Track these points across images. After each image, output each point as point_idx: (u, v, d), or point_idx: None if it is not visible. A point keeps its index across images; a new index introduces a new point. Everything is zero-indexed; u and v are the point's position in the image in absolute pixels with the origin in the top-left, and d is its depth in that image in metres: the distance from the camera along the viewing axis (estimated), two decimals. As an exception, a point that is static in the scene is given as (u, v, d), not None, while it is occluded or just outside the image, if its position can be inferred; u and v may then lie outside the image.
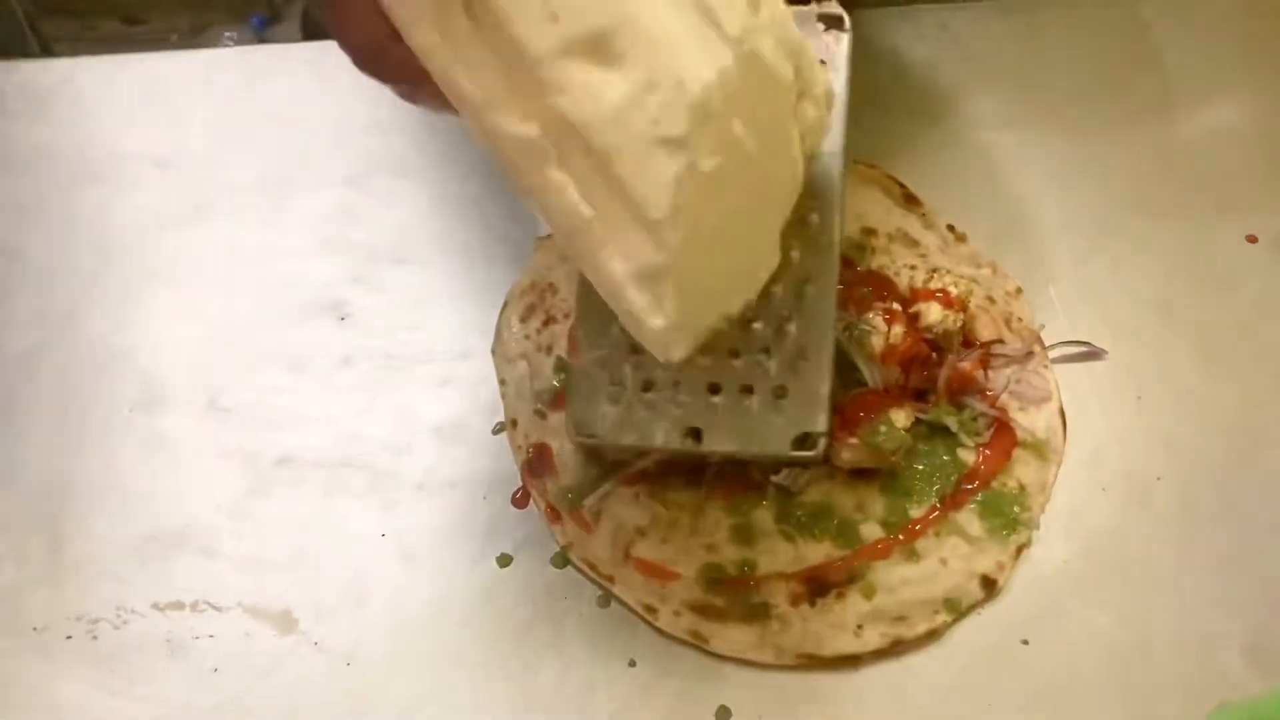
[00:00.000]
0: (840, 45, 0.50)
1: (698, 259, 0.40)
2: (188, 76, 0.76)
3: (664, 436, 0.50)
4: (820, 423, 0.49)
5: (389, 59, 0.40)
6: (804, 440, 0.50)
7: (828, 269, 0.50)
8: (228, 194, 0.70)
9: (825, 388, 0.49)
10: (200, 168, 0.71)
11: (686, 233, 0.38)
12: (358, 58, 0.41)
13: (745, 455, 0.51)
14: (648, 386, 0.50)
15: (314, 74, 0.75)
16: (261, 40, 1.95)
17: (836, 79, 0.50)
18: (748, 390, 0.50)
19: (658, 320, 0.40)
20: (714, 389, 0.50)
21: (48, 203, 0.70)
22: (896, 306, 0.60)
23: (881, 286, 0.62)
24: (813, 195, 0.49)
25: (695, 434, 0.50)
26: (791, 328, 0.50)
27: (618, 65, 0.36)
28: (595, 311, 0.49)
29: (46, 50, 0.88)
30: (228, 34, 1.97)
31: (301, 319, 0.65)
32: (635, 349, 0.50)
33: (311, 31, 1.50)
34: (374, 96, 0.72)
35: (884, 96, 0.72)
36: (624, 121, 0.36)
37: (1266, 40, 0.74)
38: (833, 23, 0.51)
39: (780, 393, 0.50)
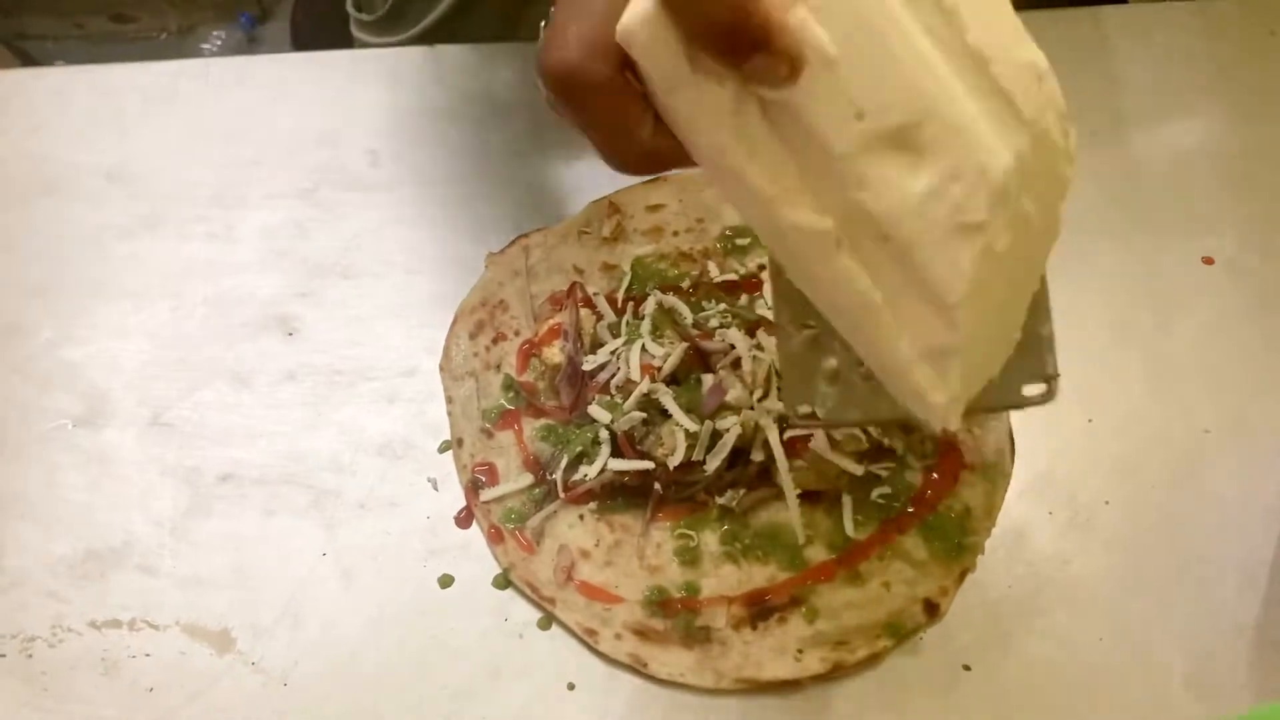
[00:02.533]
0: None
1: (981, 333, 0.40)
2: (144, 88, 0.75)
3: (890, 408, 0.46)
4: (1050, 365, 0.47)
5: (661, 158, 0.40)
6: (1034, 385, 0.47)
7: None
8: (178, 207, 0.70)
9: (1047, 329, 0.47)
10: (151, 181, 0.71)
11: (976, 311, 0.38)
12: (632, 169, 0.42)
13: (979, 410, 0.48)
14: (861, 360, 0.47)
15: (269, 87, 0.75)
16: (250, 39, 1.95)
17: None
18: None
19: (941, 396, 0.40)
20: None
21: (-3, 213, 0.70)
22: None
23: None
24: None
25: None
26: None
27: (921, 156, 0.36)
28: (793, 293, 0.48)
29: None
30: (216, 33, 1.97)
31: (248, 334, 0.65)
32: None
33: (300, 35, 1.50)
34: (326, 110, 0.74)
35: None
36: (926, 212, 0.36)
37: (1224, 63, 0.74)
38: None
39: None
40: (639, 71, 0.38)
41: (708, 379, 0.57)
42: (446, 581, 0.57)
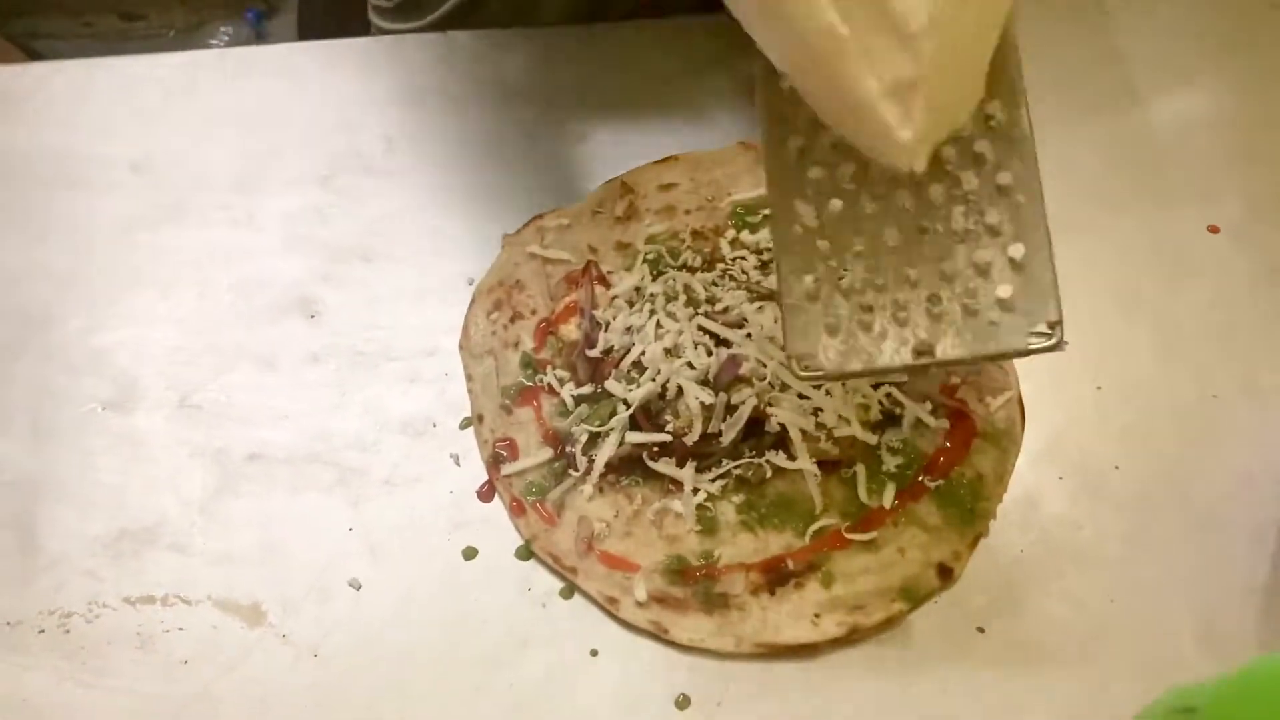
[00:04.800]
0: None
1: (941, 71, 0.41)
2: (162, 80, 0.76)
3: (891, 356, 0.47)
4: (1053, 310, 0.46)
5: None
6: (1040, 331, 0.47)
7: (1026, 156, 0.48)
8: (200, 196, 0.71)
9: (1050, 274, 0.47)
10: (173, 170, 0.72)
11: (937, 45, 0.39)
12: None
13: (982, 358, 0.49)
14: (866, 309, 0.48)
15: (285, 76, 0.76)
16: (257, 34, 1.96)
17: None
18: (970, 295, 0.47)
19: (906, 132, 0.41)
20: (934, 299, 0.48)
21: (24, 204, 0.71)
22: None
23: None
24: (992, 86, 0.48)
25: (924, 348, 0.48)
26: (996, 220, 0.48)
27: None
28: (795, 245, 0.49)
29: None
30: (224, 28, 1.98)
31: (272, 317, 0.66)
32: (844, 274, 0.49)
33: (307, 26, 1.51)
34: (342, 98, 0.75)
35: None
36: None
37: (1228, 32, 0.74)
38: None
39: (1005, 289, 0.47)
40: None
41: (722, 352, 0.58)
42: (470, 554, 0.58)
